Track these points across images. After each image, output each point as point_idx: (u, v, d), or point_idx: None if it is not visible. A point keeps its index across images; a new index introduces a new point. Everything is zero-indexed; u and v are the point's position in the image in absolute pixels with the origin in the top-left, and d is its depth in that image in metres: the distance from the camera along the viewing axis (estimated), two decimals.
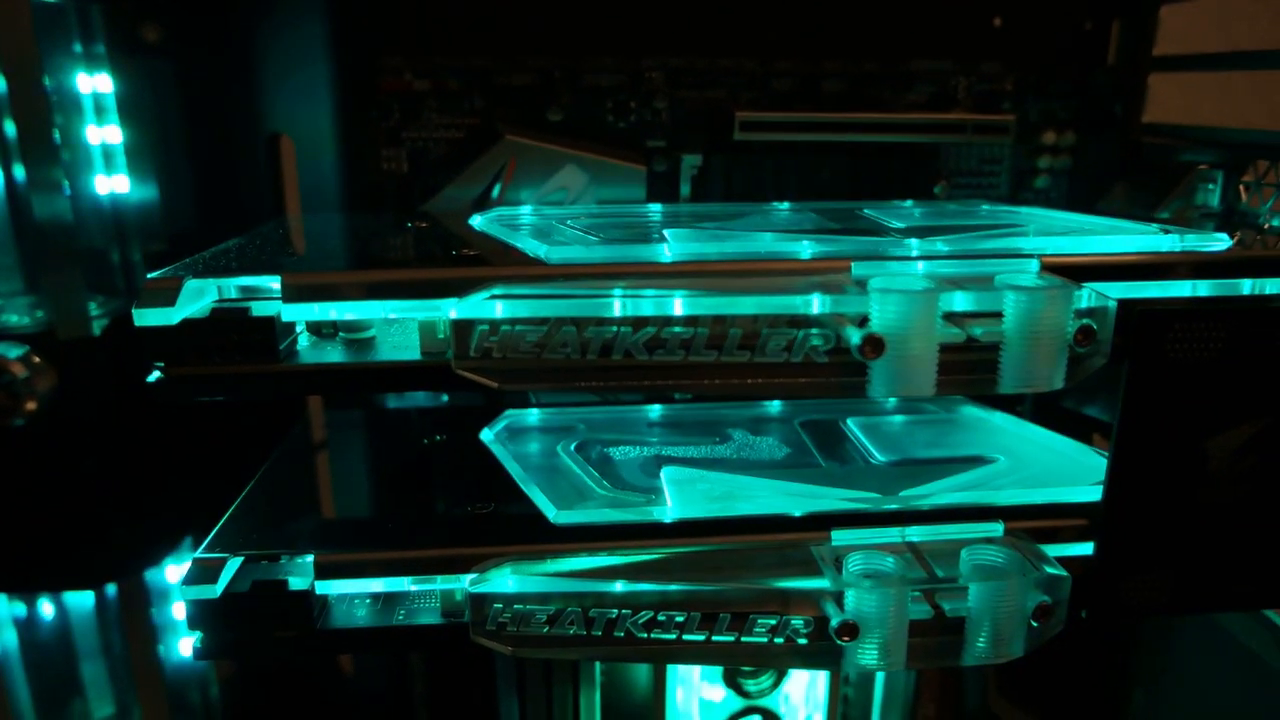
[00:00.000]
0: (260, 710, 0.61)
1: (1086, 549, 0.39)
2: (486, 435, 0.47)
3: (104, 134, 0.54)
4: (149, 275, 0.33)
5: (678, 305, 0.32)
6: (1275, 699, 0.44)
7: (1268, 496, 0.37)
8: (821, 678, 0.57)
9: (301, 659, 0.57)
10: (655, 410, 0.51)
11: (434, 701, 0.58)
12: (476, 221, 0.44)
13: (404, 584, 0.37)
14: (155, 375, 0.33)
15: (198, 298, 0.33)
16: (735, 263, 0.34)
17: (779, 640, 0.35)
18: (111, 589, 0.56)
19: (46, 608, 0.57)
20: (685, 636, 0.35)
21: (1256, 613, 0.45)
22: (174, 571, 0.56)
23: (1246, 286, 0.36)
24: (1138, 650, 0.56)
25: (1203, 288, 0.37)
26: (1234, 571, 0.39)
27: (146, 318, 0.32)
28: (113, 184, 0.55)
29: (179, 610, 0.55)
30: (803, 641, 0.35)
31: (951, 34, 0.53)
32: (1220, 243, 0.38)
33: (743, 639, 0.35)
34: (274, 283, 0.33)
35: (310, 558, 0.36)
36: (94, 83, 0.53)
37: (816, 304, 0.32)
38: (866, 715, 0.60)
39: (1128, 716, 0.56)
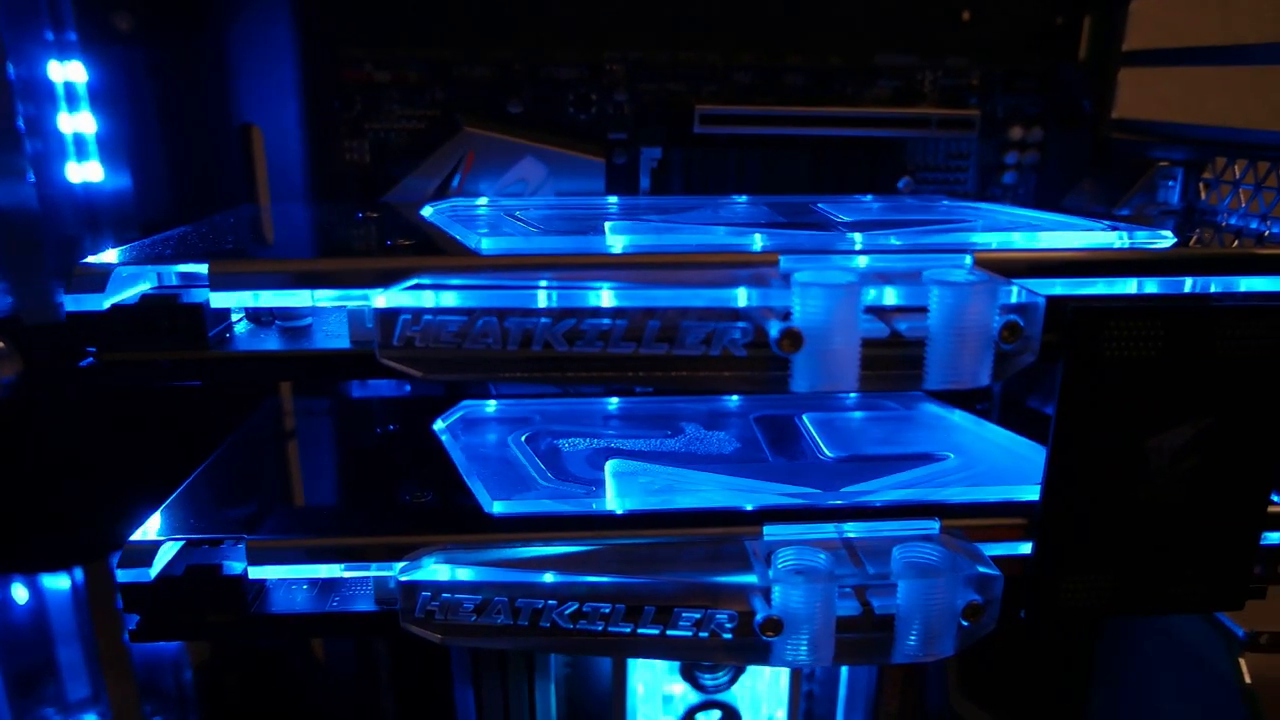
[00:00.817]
0: (226, 693, 0.61)
1: (1027, 548, 0.38)
2: (439, 426, 0.48)
3: (76, 122, 0.55)
4: (81, 261, 0.33)
5: (603, 297, 0.32)
6: (1223, 700, 0.43)
7: (1209, 498, 0.37)
8: (783, 675, 0.57)
9: (236, 642, 0.58)
10: (613, 403, 0.51)
11: (395, 692, 0.59)
12: (427, 212, 0.45)
13: (336, 571, 0.37)
14: (88, 361, 0.33)
15: (129, 284, 0.34)
16: (662, 255, 0.34)
17: (704, 635, 0.35)
18: (79, 572, 0.57)
19: (13, 590, 0.58)
20: (610, 629, 0.35)
21: (1210, 615, 0.45)
22: None
23: (1188, 285, 0.36)
24: (1096, 650, 0.55)
25: (1148, 285, 0.37)
26: (1176, 573, 0.38)
27: (77, 303, 0.33)
28: (85, 172, 0.56)
29: None
30: (728, 636, 0.35)
31: (919, 28, 0.52)
32: (1165, 240, 0.38)
33: (668, 633, 0.35)
34: (204, 270, 0.33)
35: (243, 543, 0.36)
36: (66, 71, 0.54)
37: (739, 297, 0.32)
38: (830, 713, 0.60)
39: (1086, 716, 0.56)
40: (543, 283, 0.33)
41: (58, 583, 0.58)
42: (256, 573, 0.36)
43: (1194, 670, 0.46)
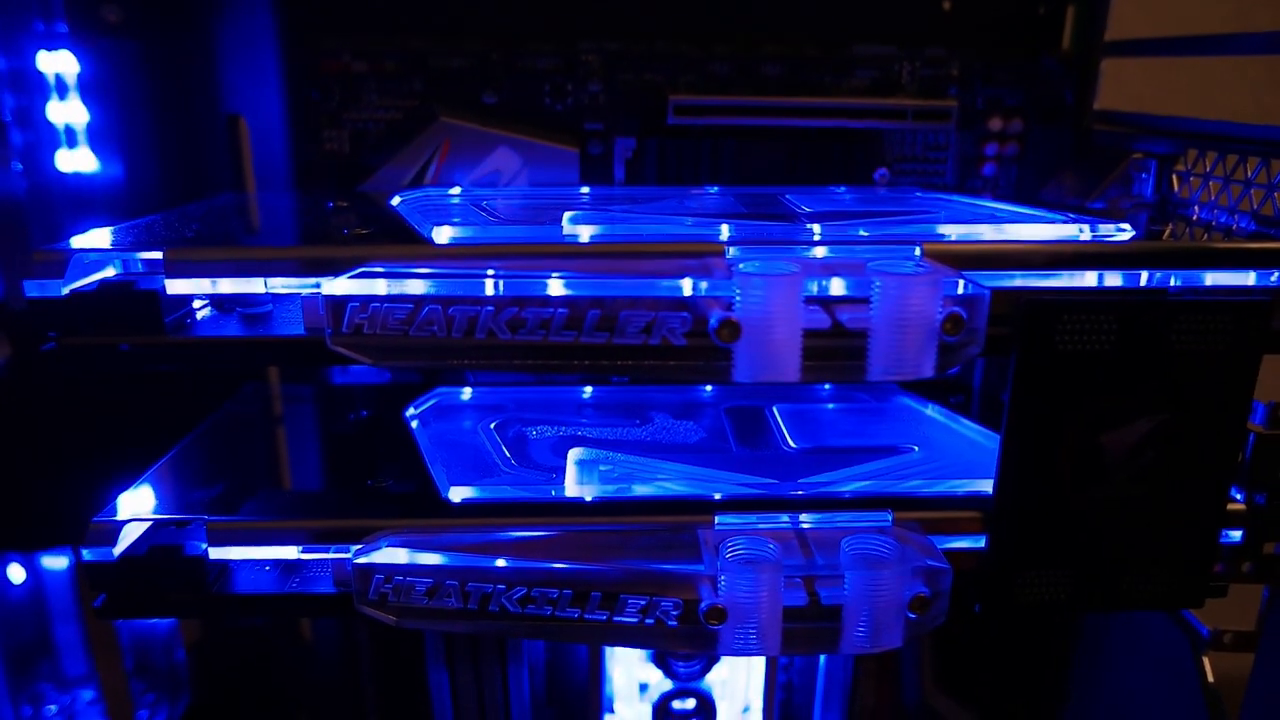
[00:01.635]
0: (216, 672, 0.63)
1: (984, 542, 0.38)
2: (410, 412, 0.48)
3: (66, 112, 0.56)
4: (41, 247, 0.34)
5: (546, 286, 0.33)
6: (1188, 698, 0.43)
7: (1167, 494, 0.37)
8: (758, 664, 0.57)
9: (197, 619, 0.59)
10: (587, 392, 0.52)
11: (376, 675, 0.60)
12: (396, 202, 0.45)
13: (294, 553, 0.37)
14: (49, 345, 0.34)
15: (93, 270, 0.35)
16: (608, 245, 0.34)
17: (649, 622, 0.35)
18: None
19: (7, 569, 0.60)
20: (558, 614, 0.35)
21: (1176, 613, 0.44)
22: None
23: (1143, 278, 0.36)
24: (1070, 646, 0.55)
25: (1109, 279, 0.36)
26: (1134, 570, 0.38)
27: (39, 289, 0.34)
28: (76, 161, 0.57)
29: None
30: (673, 624, 0.35)
31: (898, 18, 0.52)
32: (1125, 233, 0.37)
33: (614, 619, 0.35)
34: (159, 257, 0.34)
35: (202, 524, 0.37)
36: (55, 62, 0.55)
37: (681, 287, 0.32)
38: (806, 704, 0.60)
39: (1060, 711, 0.55)
40: (490, 272, 0.33)
41: (55, 562, 0.60)
42: (217, 553, 0.37)
43: (1162, 668, 0.46)
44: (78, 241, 0.35)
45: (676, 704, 0.57)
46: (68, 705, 0.63)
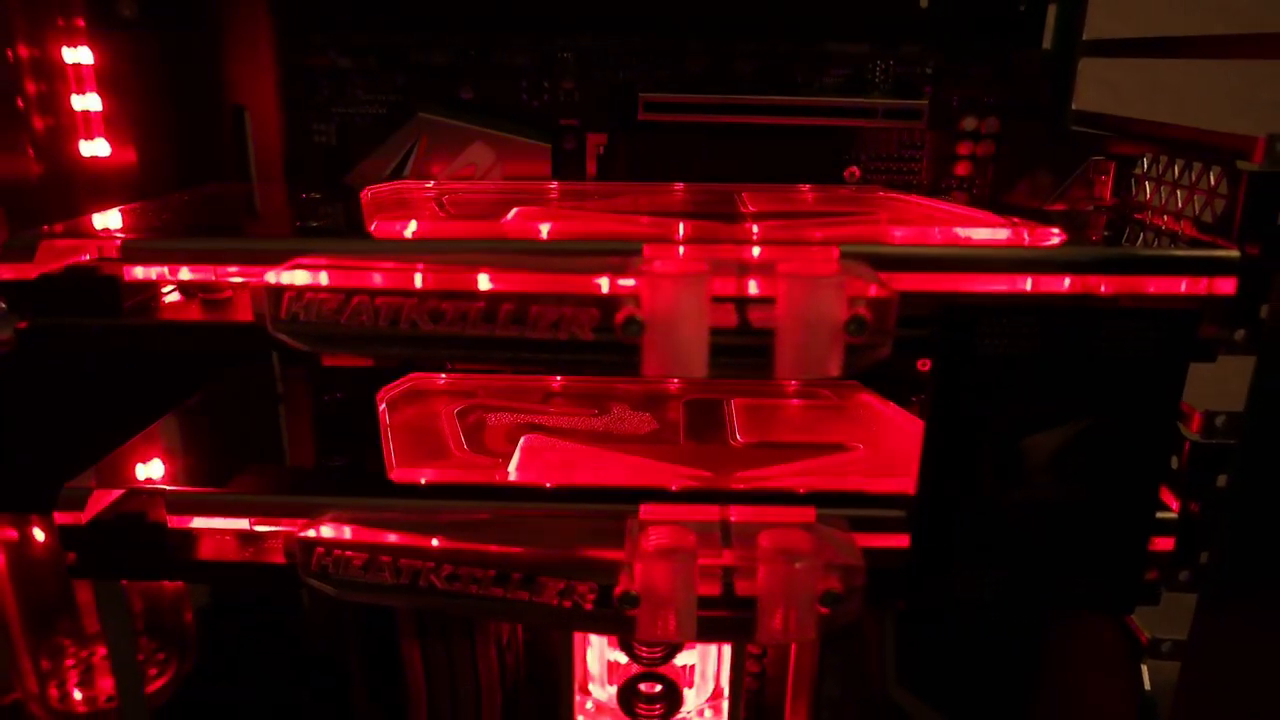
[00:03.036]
0: (212, 630, 0.66)
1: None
2: (380, 395, 0.50)
3: (84, 102, 0.59)
4: (15, 234, 0.37)
5: (466, 280, 0.34)
6: (1128, 705, 0.43)
7: (1093, 499, 0.37)
8: (725, 652, 0.58)
9: (157, 580, 0.62)
10: (555, 381, 0.53)
11: (364, 649, 0.62)
12: (366, 194, 0.47)
13: (244, 524, 0.40)
14: (22, 324, 0.37)
15: (59, 256, 0.37)
16: (537, 242, 0.36)
17: (567, 604, 0.37)
18: None
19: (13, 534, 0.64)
20: (482, 592, 0.37)
21: (1120, 619, 0.44)
22: None
23: (1066, 282, 0.36)
24: (1028, 646, 0.55)
25: (1039, 283, 0.36)
26: (1058, 574, 0.38)
27: (8, 272, 0.36)
28: (94, 147, 0.60)
29: None
30: (589, 607, 0.37)
31: (874, 15, 0.52)
32: (1055, 238, 0.37)
33: (534, 599, 0.37)
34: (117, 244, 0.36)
35: (161, 495, 0.39)
36: (73, 53, 0.58)
37: (595, 283, 0.33)
38: (778, 693, 0.61)
39: (1019, 708, 0.55)
40: (419, 266, 0.35)
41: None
42: (176, 522, 0.40)
43: (1107, 673, 0.45)
44: (96, 224, 0.38)
45: (642, 687, 0.58)
46: (85, 659, 0.68)
